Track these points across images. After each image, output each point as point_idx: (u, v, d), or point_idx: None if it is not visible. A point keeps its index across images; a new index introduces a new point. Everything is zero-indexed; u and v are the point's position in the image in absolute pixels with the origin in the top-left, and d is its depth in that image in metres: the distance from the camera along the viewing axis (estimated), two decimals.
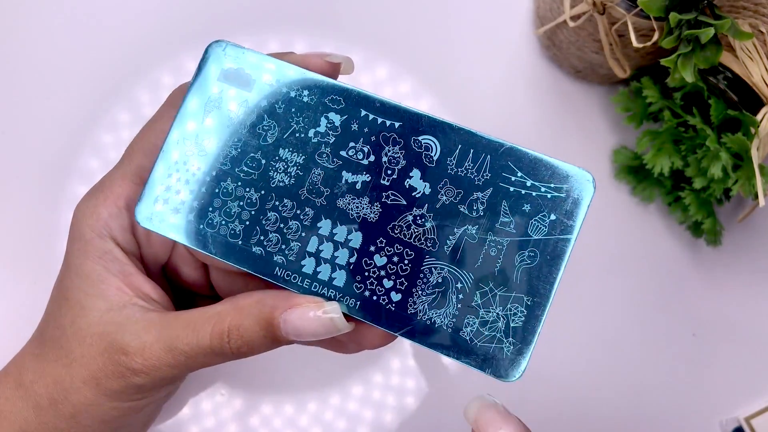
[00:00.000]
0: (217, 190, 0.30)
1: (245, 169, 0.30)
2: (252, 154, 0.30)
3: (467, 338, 0.28)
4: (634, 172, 0.47)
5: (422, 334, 0.28)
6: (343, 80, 0.31)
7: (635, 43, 0.40)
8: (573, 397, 0.46)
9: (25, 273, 0.45)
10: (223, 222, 0.30)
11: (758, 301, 0.48)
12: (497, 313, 0.28)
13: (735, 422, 0.46)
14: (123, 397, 0.30)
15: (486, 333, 0.28)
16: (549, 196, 0.28)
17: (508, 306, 0.28)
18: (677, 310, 0.47)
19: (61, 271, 0.32)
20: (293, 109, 0.30)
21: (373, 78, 0.48)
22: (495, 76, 0.49)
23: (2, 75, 0.46)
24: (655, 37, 0.39)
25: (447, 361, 0.45)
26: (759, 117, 0.40)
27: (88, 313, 0.30)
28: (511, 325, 0.28)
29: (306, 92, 0.30)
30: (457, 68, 0.48)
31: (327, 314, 0.28)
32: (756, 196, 0.41)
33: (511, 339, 0.28)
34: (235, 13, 0.48)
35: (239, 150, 0.30)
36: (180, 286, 0.34)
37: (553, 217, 0.28)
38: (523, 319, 0.28)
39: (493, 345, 0.28)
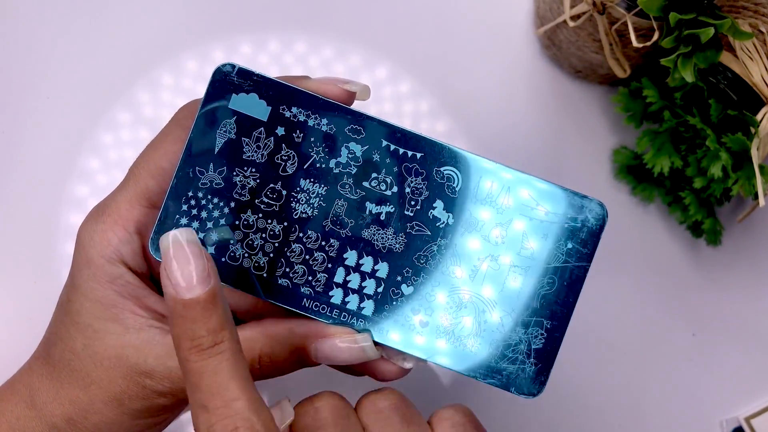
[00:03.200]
0: (237, 222, 0.29)
1: (266, 200, 0.29)
2: (272, 185, 0.29)
3: (492, 360, 0.29)
4: (634, 172, 0.47)
5: (451, 358, 0.29)
6: (357, 105, 0.30)
7: (635, 43, 0.40)
8: (573, 396, 0.46)
9: (25, 273, 0.45)
10: (246, 254, 0.29)
11: (758, 301, 0.48)
12: (520, 336, 0.29)
13: (735, 422, 0.46)
14: (146, 414, 0.31)
15: (509, 355, 0.29)
16: (566, 225, 0.30)
17: (530, 329, 0.29)
18: (677, 310, 0.47)
19: (67, 293, 0.32)
20: (312, 139, 0.29)
21: (373, 78, 0.48)
22: (495, 76, 0.49)
23: (2, 75, 0.46)
24: (655, 37, 0.39)
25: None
26: (759, 117, 0.40)
27: (102, 337, 0.30)
28: (533, 346, 0.29)
29: (325, 121, 0.29)
30: (457, 68, 0.48)
31: (358, 344, 0.29)
32: (756, 196, 0.41)
33: (532, 359, 0.29)
34: (235, 13, 0.48)
35: (258, 181, 0.29)
36: None
37: (570, 245, 0.30)
38: (543, 340, 0.29)
39: (516, 366, 0.29)
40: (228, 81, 0.29)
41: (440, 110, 0.48)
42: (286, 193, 0.29)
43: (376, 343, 0.29)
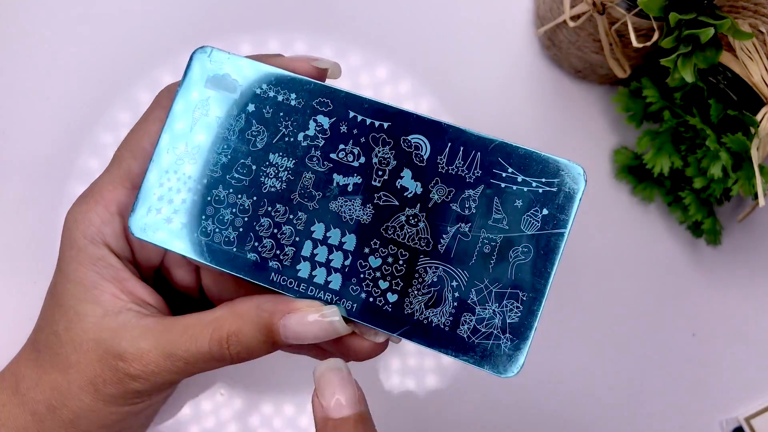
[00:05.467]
0: (209, 198, 0.30)
1: (236, 175, 0.30)
2: (242, 160, 0.30)
3: (464, 336, 0.28)
4: (634, 172, 0.47)
5: (420, 333, 0.28)
6: (335, 81, 0.31)
7: (635, 43, 0.40)
8: (573, 397, 0.46)
9: (25, 273, 0.45)
10: (217, 230, 0.30)
11: (758, 301, 0.48)
12: (493, 310, 0.28)
13: (735, 422, 0.46)
14: (121, 401, 0.31)
15: (483, 330, 0.28)
16: (540, 190, 0.28)
17: (504, 302, 0.28)
18: (677, 310, 0.47)
19: (54, 277, 0.32)
20: (281, 113, 0.30)
21: (373, 78, 0.48)
22: (495, 76, 0.49)
23: (2, 75, 0.46)
24: (655, 37, 0.39)
25: (447, 360, 0.45)
26: (759, 117, 0.40)
27: (83, 319, 0.30)
28: (508, 321, 0.28)
29: (293, 95, 0.30)
30: (457, 68, 0.48)
31: (326, 317, 0.28)
32: (756, 196, 0.41)
33: (508, 335, 0.28)
34: (235, 13, 0.48)
35: (229, 156, 0.30)
36: (172, 289, 0.34)
37: (545, 211, 0.28)
38: (519, 314, 0.28)
39: (491, 341, 0.28)
40: (203, 62, 0.30)
41: (440, 110, 0.48)
42: (255, 167, 0.30)
43: (346, 319, 0.29)
